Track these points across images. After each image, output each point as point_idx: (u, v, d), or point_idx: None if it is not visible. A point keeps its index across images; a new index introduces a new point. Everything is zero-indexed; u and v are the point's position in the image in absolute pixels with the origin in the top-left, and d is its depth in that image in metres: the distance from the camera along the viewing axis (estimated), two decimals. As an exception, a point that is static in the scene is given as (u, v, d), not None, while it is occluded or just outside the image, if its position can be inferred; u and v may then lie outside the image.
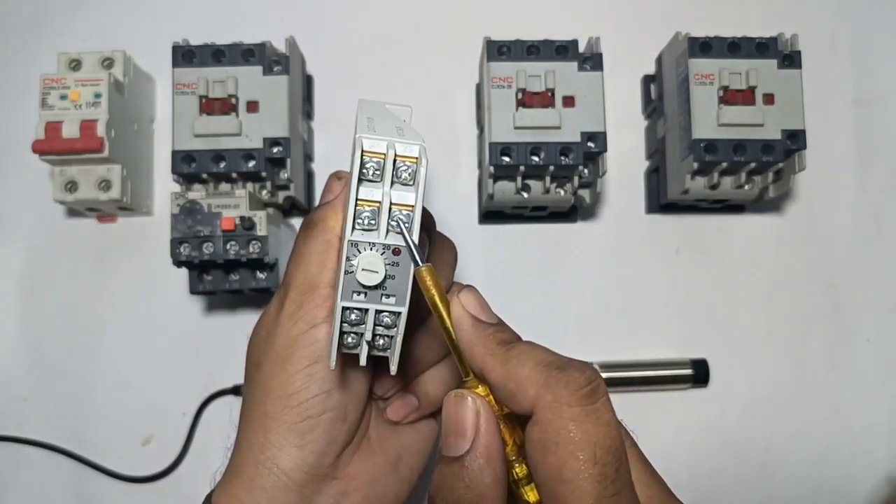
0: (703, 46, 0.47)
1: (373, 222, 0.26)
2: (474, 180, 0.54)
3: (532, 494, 0.26)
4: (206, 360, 0.52)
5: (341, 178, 0.32)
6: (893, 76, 0.56)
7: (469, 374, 0.27)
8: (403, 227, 0.26)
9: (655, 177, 0.53)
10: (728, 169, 0.47)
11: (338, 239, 0.30)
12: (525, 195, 0.48)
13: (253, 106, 0.46)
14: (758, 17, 0.56)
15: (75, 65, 0.49)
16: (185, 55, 0.46)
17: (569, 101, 0.46)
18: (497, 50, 0.47)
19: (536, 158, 0.45)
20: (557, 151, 0.45)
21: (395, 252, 0.26)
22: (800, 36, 0.47)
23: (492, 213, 0.53)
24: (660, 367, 0.52)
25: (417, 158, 0.26)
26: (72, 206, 0.50)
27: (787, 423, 0.53)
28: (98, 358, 0.52)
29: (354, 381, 0.31)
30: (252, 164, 0.46)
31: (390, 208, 0.26)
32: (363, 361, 0.28)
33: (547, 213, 0.52)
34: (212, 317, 0.53)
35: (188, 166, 0.45)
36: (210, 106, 0.46)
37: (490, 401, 0.26)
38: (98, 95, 0.47)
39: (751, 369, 0.53)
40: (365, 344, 0.28)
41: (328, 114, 0.55)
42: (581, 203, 0.50)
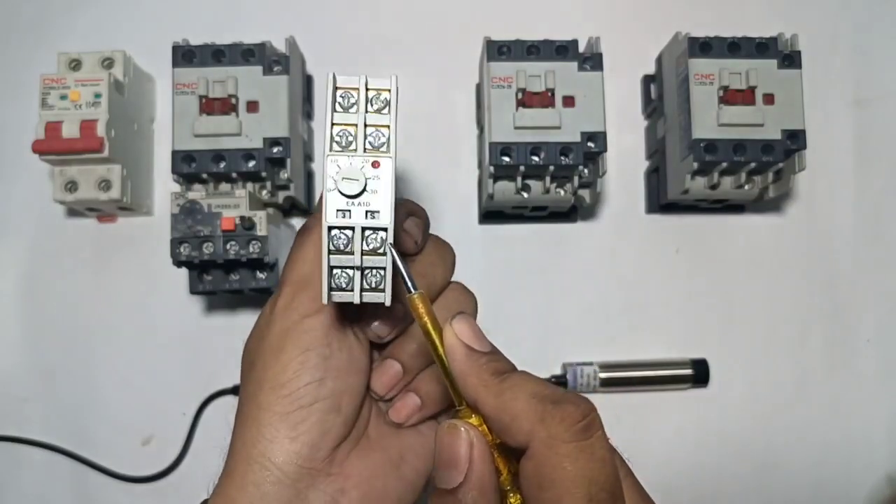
0: (703, 46, 0.47)
1: (351, 139, 0.27)
2: (474, 180, 0.54)
3: None
4: (206, 360, 0.52)
5: None
6: (893, 76, 0.56)
7: (462, 402, 0.27)
8: (390, 249, 0.26)
9: (655, 177, 0.53)
10: (728, 169, 0.47)
11: None
12: (525, 195, 0.48)
13: (253, 106, 0.46)
14: (758, 17, 0.56)
15: (75, 65, 0.49)
16: (185, 55, 0.46)
17: (569, 101, 0.46)
18: (497, 50, 0.47)
19: (536, 158, 0.45)
20: (557, 151, 0.45)
21: (375, 165, 0.27)
22: (800, 36, 0.47)
23: (492, 213, 0.53)
24: (660, 367, 0.52)
25: (389, 89, 0.27)
26: (72, 206, 0.50)
27: (787, 423, 0.53)
28: (98, 358, 0.52)
29: (350, 370, 0.31)
30: (252, 164, 0.46)
31: (366, 127, 0.27)
32: (357, 299, 0.27)
33: (547, 213, 0.52)
34: (212, 317, 0.53)
35: (188, 166, 0.45)
36: (210, 106, 0.46)
37: (483, 430, 0.26)
38: (98, 95, 0.47)
39: (751, 369, 0.53)
40: (357, 276, 0.27)
41: (328, 114, 0.55)
42: (581, 203, 0.50)
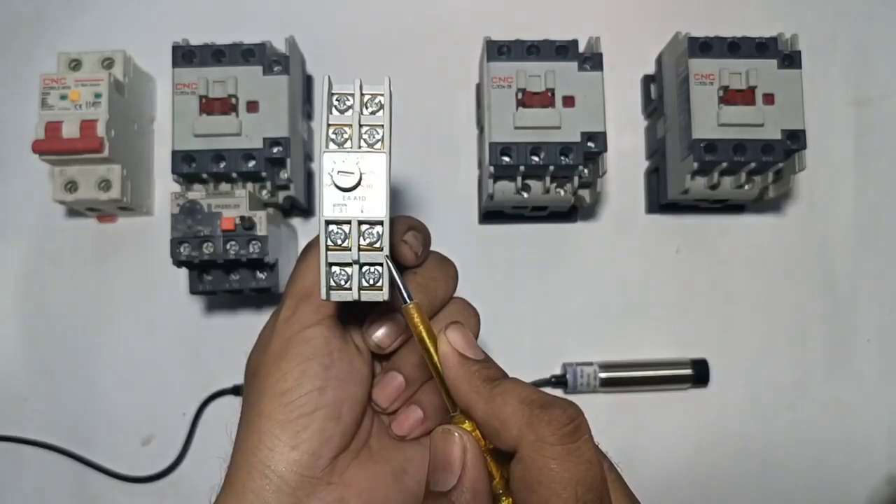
0: (703, 46, 0.47)
1: (346, 137, 0.27)
2: (474, 180, 0.54)
3: None
4: (206, 360, 0.52)
5: None
6: (893, 76, 0.56)
7: (456, 409, 0.27)
8: (386, 260, 0.27)
9: (655, 177, 0.53)
10: (728, 169, 0.47)
11: None
12: (525, 195, 0.48)
13: (253, 106, 0.46)
14: (758, 17, 0.56)
15: (75, 65, 0.49)
16: (185, 55, 0.46)
17: (569, 101, 0.46)
18: (497, 50, 0.47)
19: (536, 158, 0.45)
20: (557, 151, 0.45)
21: (369, 160, 0.27)
22: (800, 36, 0.47)
23: (492, 213, 0.53)
24: (660, 367, 0.52)
25: (383, 94, 0.28)
26: (72, 206, 0.50)
27: (787, 423, 0.53)
28: (98, 358, 0.52)
29: (351, 379, 0.31)
30: (252, 164, 0.46)
31: (360, 127, 0.27)
32: (355, 296, 0.28)
33: (547, 213, 0.52)
34: (212, 317, 0.53)
35: (188, 166, 0.45)
36: (210, 106, 0.46)
37: (477, 435, 0.26)
38: (98, 95, 0.47)
39: (751, 369, 0.53)
40: (355, 274, 0.28)
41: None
42: (581, 203, 0.49)
